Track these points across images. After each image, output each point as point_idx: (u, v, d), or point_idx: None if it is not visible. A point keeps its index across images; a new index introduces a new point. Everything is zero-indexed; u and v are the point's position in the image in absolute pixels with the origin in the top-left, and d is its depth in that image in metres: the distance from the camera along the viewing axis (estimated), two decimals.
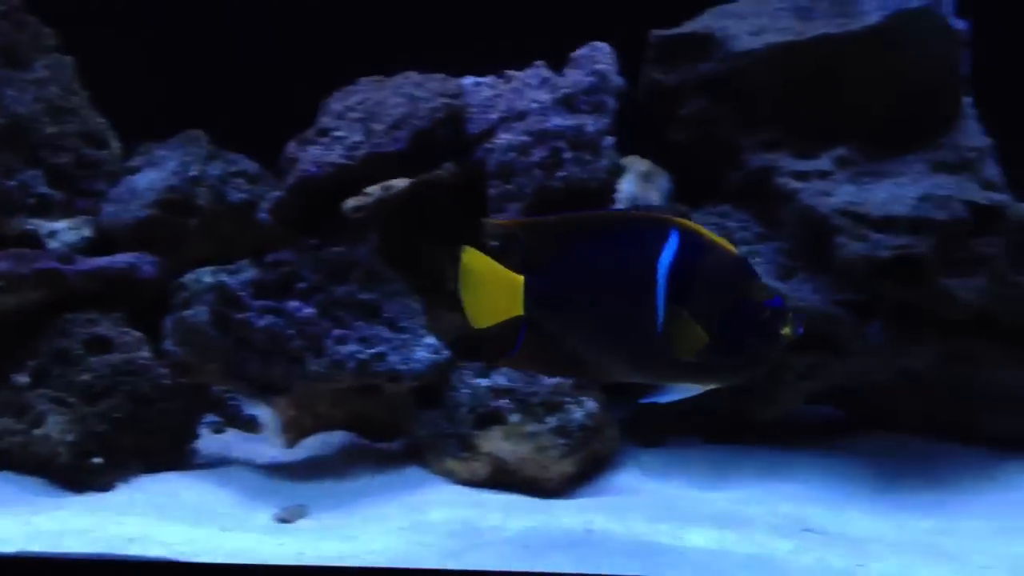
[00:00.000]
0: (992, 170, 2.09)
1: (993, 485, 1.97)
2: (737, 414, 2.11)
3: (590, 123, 2.02)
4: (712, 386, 1.42)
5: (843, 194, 2.00)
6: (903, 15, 2.01)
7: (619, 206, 2.12)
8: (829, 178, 2.06)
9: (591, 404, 1.93)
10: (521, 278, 1.39)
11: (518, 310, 1.40)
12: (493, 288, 1.41)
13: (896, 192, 1.96)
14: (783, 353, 1.36)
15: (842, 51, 2.03)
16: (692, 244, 1.33)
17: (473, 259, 1.41)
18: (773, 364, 1.40)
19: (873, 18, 2.03)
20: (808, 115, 2.08)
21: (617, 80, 2.08)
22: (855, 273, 1.92)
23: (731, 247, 1.35)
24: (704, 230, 1.35)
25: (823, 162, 2.07)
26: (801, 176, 2.06)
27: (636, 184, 2.24)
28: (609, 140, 2.04)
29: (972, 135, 2.11)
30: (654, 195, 2.24)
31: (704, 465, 2.04)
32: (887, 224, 1.91)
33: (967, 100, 2.14)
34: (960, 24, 2.05)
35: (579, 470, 1.94)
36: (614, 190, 2.08)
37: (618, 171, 2.10)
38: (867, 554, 1.64)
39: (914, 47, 2.02)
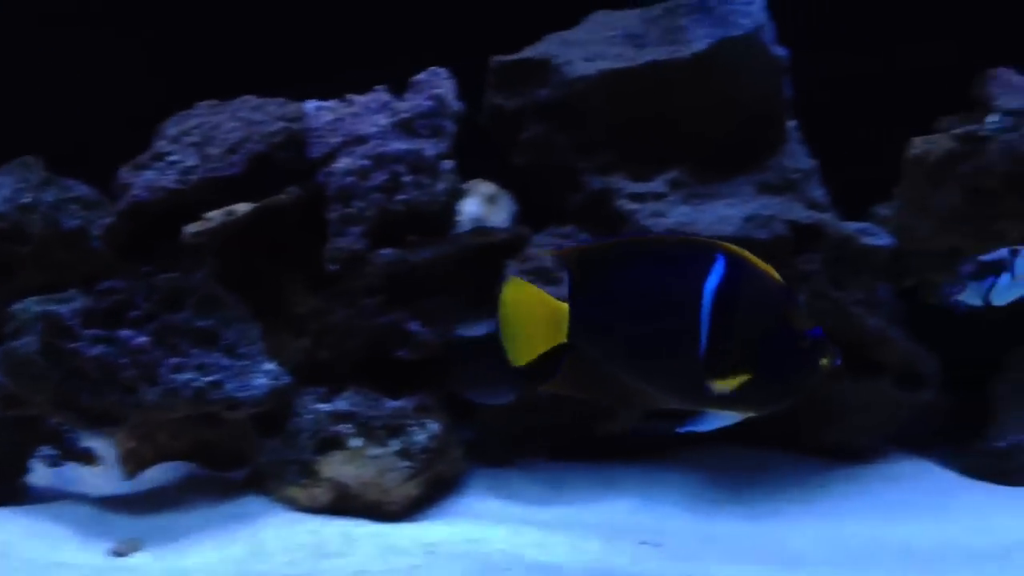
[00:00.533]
0: (816, 190, 2.19)
1: (825, 494, 2.06)
2: (581, 430, 2.15)
3: (428, 147, 2.03)
4: (749, 414, 1.38)
5: (676, 215, 2.07)
6: (727, 42, 2.09)
7: (462, 228, 2.15)
8: (663, 200, 2.13)
9: (434, 426, 1.93)
10: (565, 306, 1.35)
11: (561, 338, 1.36)
12: (536, 318, 1.37)
13: (725, 213, 2.04)
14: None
15: (671, 77, 2.11)
16: (738, 268, 1.30)
17: (517, 290, 1.37)
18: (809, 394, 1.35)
19: (699, 45, 2.11)
20: (642, 139, 2.14)
21: (455, 104, 2.11)
22: None
23: (775, 273, 1.31)
24: (749, 255, 1.30)
25: (657, 184, 2.13)
26: (637, 198, 2.13)
27: (481, 206, 2.27)
28: (448, 164, 2.06)
29: (797, 157, 2.21)
30: (499, 216, 2.28)
31: (547, 482, 2.07)
32: None
33: (792, 124, 2.25)
34: (780, 51, 2.15)
35: (423, 493, 1.94)
36: (454, 212, 2.10)
37: (458, 194, 2.12)
38: (704, 564, 1.69)
39: (739, 73, 2.11)
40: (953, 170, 2.05)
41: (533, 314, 1.37)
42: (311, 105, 2.16)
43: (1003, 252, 1.95)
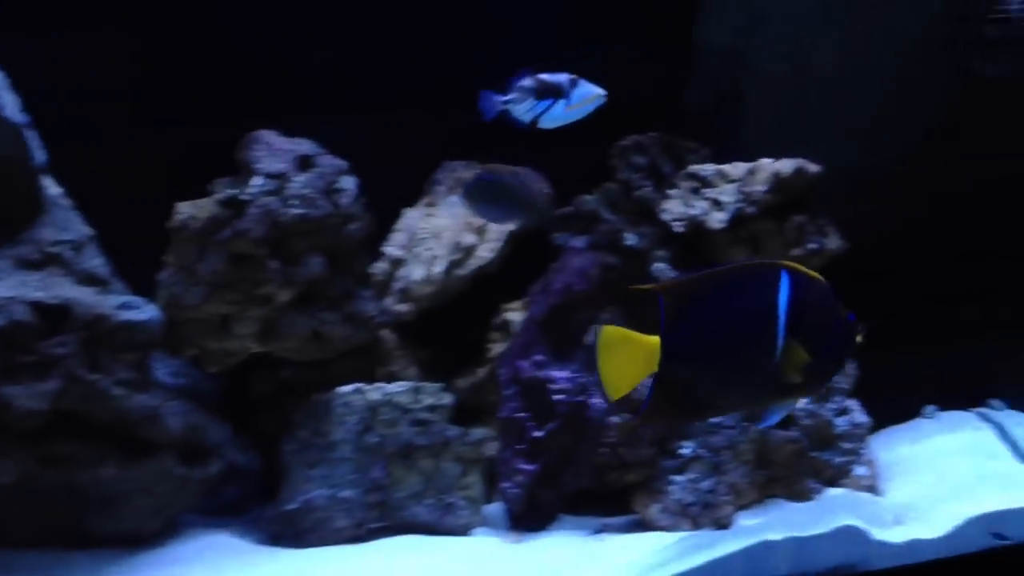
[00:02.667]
0: (93, 260, 2.05)
1: None
2: None
3: None
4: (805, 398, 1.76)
5: None
6: None
7: None
8: None
9: None
10: (656, 339, 1.55)
11: (652, 369, 1.55)
12: (630, 355, 1.55)
13: None
14: None
15: None
16: (799, 280, 1.57)
17: (611, 334, 1.57)
18: None
19: None
20: None
21: None
22: None
23: (820, 277, 1.58)
24: (800, 266, 1.58)
25: None
26: None
27: None
28: None
29: (64, 228, 2.04)
30: None
31: None
32: None
33: (56, 192, 2.07)
34: (21, 117, 1.97)
35: None
36: None
37: None
38: None
39: None
40: (216, 235, 2.02)
41: (626, 352, 1.55)
42: None
43: (563, 78, 1.99)
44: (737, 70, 2.47)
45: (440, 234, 2.31)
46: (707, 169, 2.29)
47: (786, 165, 2.23)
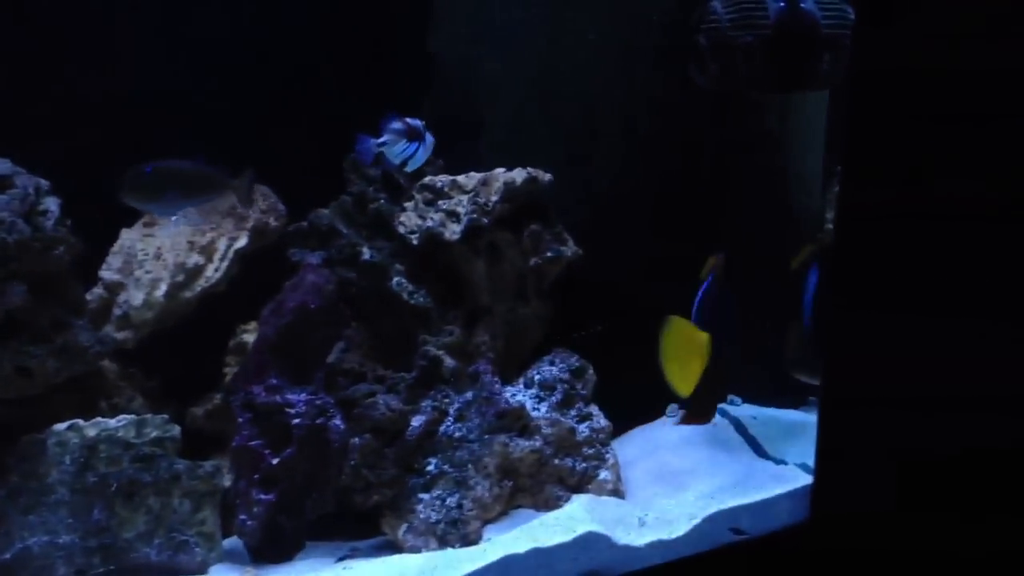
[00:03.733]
0: None
1: None
2: None
3: None
4: None
5: None
6: None
7: None
8: None
9: None
10: (704, 334, 1.65)
11: (704, 363, 1.65)
12: (691, 349, 1.63)
13: None
14: None
15: None
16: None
17: (678, 325, 1.63)
18: None
19: None
20: None
21: None
22: None
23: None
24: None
25: None
26: None
27: None
28: None
29: None
30: None
31: None
32: None
33: None
34: None
35: None
36: None
37: None
38: None
39: None
40: None
41: (690, 346, 1.62)
42: None
43: (418, 122, 2.08)
44: (469, 79, 2.45)
45: (161, 255, 2.16)
46: (442, 180, 2.25)
47: (518, 174, 2.23)
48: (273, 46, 2.39)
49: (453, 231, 2.19)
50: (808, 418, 2.58)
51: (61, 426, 1.99)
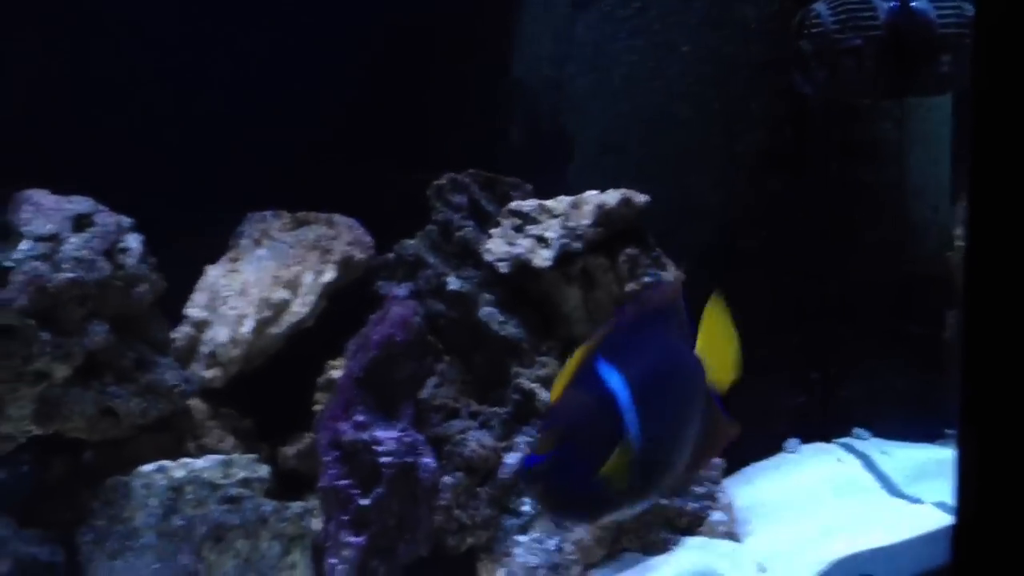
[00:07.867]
0: None
1: None
2: None
3: None
4: None
5: None
6: None
7: None
8: None
9: None
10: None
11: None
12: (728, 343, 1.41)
13: None
14: None
15: None
16: None
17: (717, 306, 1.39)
18: None
19: None
20: None
21: None
22: None
23: None
24: None
25: None
26: None
27: None
28: None
29: None
30: None
31: None
32: None
33: None
34: None
35: None
36: None
37: None
38: None
39: None
40: None
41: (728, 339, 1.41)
42: None
43: None
44: (556, 101, 2.36)
45: (246, 291, 2.12)
46: (530, 204, 2.15)
47: (611, 196, 2.10)
48: (358, 77, 2.35)
49: (543, 257, 2.08)
50: (945, 452, 2.38)
51: (148, 467, 1.95)
